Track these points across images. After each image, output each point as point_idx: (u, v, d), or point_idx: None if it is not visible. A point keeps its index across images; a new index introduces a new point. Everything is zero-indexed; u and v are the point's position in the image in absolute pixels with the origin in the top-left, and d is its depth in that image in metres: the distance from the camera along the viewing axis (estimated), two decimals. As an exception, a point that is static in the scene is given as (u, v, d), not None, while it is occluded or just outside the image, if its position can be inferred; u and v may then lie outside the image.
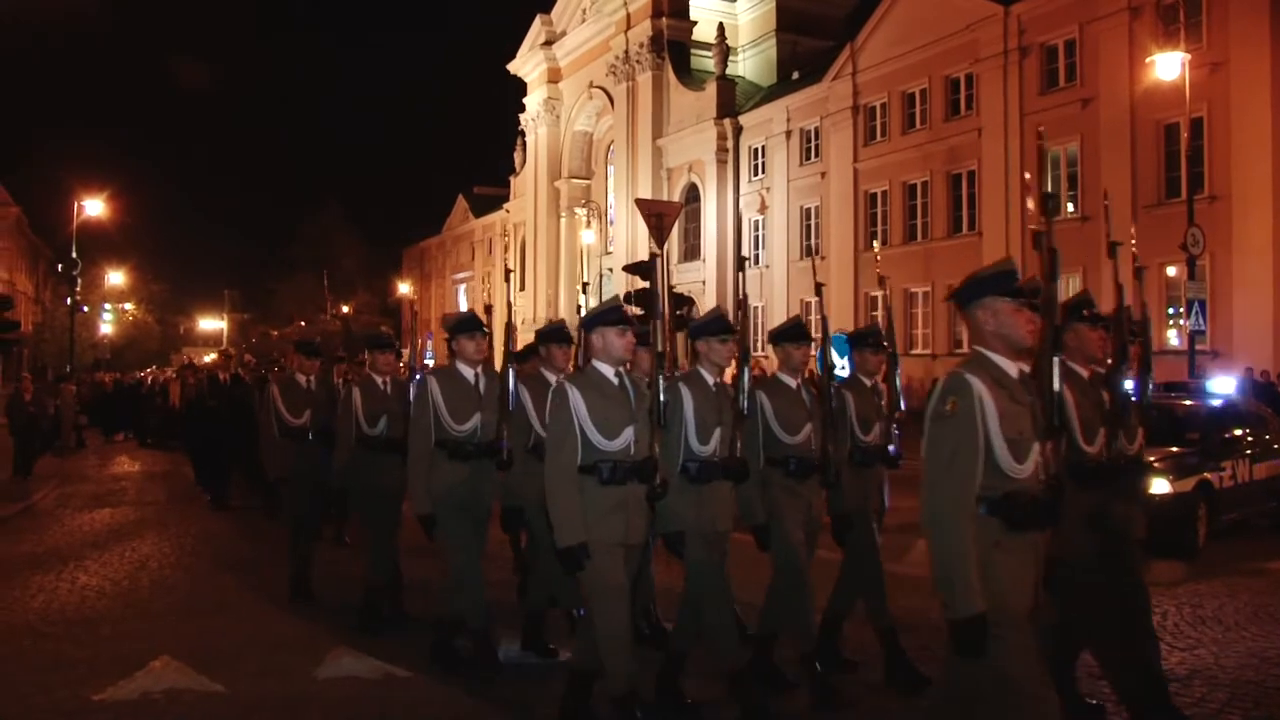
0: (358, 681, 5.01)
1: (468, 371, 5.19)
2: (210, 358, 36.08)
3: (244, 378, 14.62)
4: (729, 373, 4.60)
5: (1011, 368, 2.98)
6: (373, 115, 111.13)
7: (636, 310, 6.07)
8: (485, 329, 5.29)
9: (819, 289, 5.23)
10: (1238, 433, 9.44)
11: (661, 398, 3.97)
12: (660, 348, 4.14)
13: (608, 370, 4.08)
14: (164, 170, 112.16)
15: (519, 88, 46.33)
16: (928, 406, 2.96)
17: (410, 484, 5.15)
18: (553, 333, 5.67)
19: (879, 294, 17.63)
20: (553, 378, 5.37)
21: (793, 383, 4.81)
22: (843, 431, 4.88)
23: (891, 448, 5.12)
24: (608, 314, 4.10)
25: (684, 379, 4.49)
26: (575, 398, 3.96)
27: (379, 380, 6.22)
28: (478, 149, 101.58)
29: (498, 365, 5.24)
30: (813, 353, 5.46)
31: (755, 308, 29.54)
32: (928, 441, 2.90)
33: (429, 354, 45.70)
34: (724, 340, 4.49)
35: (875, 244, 27.59)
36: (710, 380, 4.47)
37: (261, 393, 10.25)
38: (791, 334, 4.82)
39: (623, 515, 3.95)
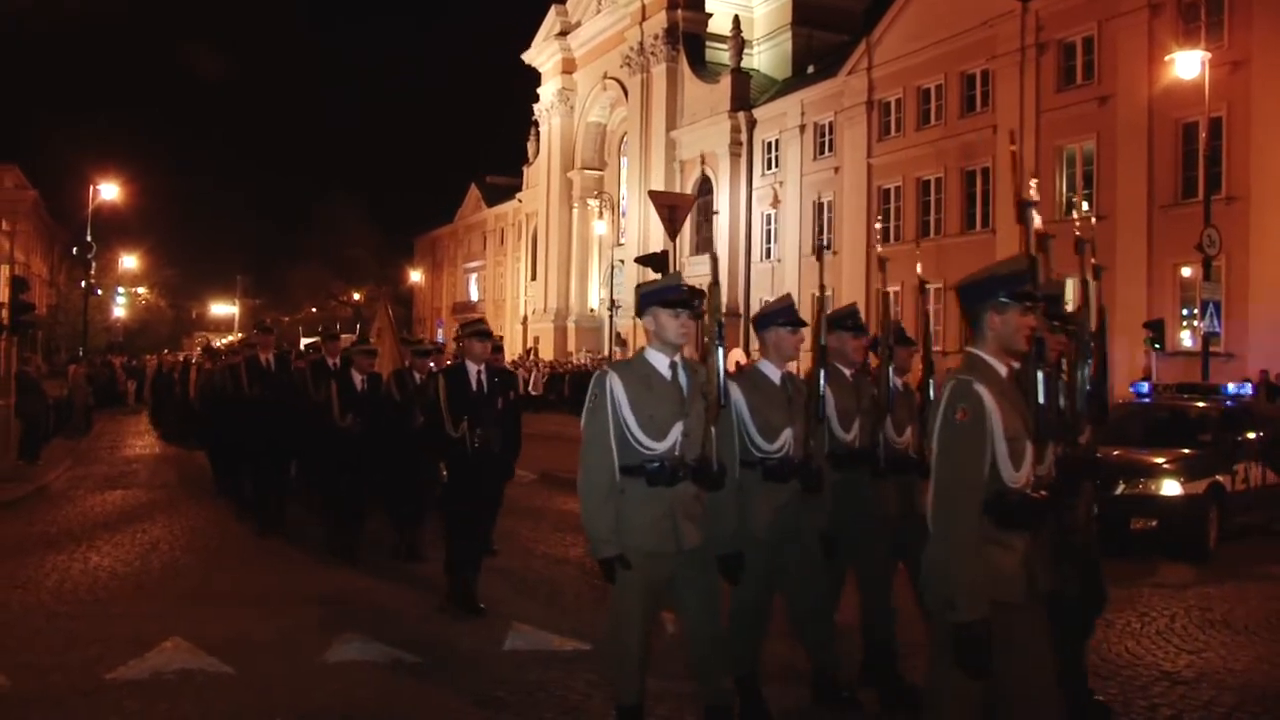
0: (366, 665, 5.05)
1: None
2: (224, 341, 34.26)
3: (294, 360, 10.36)
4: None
5: (1002, 369, 3.01)
6: (383, 101, 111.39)
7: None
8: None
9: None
10: (1250, 435, 9.37)
11: (720, 388, 3.53)
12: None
13: (660, 360, 3.57)
14: (178, 156, 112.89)
15: (533, 77, 46.33)
16: (936, 413, 2.97)
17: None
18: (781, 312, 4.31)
19: (893, 290, 17.56)
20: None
21: (776, 374, 4.18)
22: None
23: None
24: (664, 292, 3.53)
25: (740, 376, 4.14)
26: (617, 390, 3.49)
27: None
28: (490, 138, 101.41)
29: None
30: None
31: (766, 301, 29.49)
32: (938, 448, 2.93)
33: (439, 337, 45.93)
34: (794, 331, 4.10)
35: (884, 243, 27.52)
36: (775, 375, 4.11)
37: (315, 380, 8.24)
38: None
39: (670, 521, 3.50)
